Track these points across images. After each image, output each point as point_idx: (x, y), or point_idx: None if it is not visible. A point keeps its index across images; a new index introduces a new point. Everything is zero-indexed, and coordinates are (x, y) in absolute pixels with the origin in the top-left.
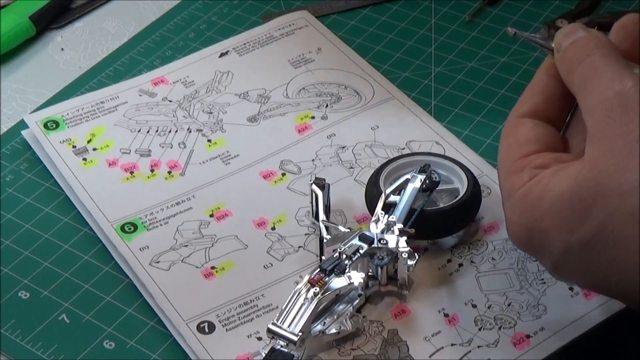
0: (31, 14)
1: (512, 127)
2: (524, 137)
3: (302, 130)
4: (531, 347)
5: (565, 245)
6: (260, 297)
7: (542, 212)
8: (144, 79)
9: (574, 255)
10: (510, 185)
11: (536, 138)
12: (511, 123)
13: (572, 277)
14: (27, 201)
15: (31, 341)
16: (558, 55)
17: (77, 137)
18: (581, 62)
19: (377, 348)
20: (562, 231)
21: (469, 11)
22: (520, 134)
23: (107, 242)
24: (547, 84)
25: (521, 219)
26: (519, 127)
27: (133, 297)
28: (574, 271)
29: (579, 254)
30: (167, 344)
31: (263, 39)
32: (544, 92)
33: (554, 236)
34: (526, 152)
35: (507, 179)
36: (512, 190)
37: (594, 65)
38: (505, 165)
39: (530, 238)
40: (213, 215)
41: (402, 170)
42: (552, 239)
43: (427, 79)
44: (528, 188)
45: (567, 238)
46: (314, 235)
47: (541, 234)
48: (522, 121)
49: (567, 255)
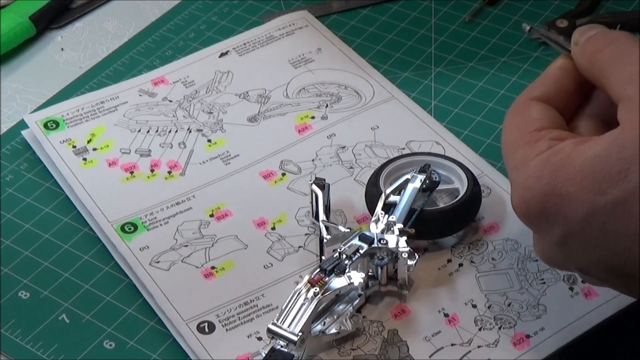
0: (31, 14)
1: (522, 106)
2: (537, 114)
3: (302, 130)
4: (531, 347)
5: (590, 208)
6: (260, 297)
7: (566, 176)
8: (144, 79)
9: (598, 220)
10: (523, 155)
11: (549, 117)
12: (521, 103)
13: (583, 252)
14: (27, 201)
15: (31, 341)
16: (576, 48)
17: (77, 137)
18: (608, 45)
19: (377, 348)
20: (590, 193)
21: (469, 11)
22: (532, 111)
23: (107, 242)
24: (560, 77)
25: (538, 184)
26: (531, 106)
27: (133, 297)
28: (588, 243)
29: (605, 219)
30: (167, 344)
31: (263, 39)
32: (557, 83)
33: (578, 199)
34: (540, 127)
35: (519, 150)
36: (527, 159)
37: (622, 47)
38: (515, 138)
39: (545, 205)
40: (213, 215)
41: (402, 170)
42: (574, 203)
43: (427, 79)
44: (548, 155)
45: (595, 200)
46: (314, 235)
47: (560, 200)
48: (534, 102)
49: (589, 220)
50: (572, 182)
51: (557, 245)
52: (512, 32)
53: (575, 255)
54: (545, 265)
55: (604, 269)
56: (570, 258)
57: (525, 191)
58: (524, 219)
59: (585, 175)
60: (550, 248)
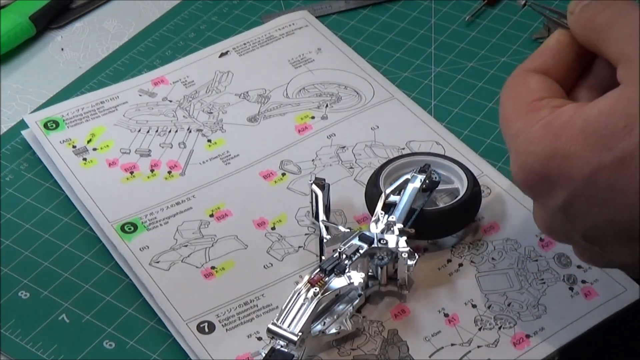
0: (31, 14)
1: (520, 78)
2: (537, 84)
3: (302, 130)
4: (531, 347)
5: (596, 166)
6: (260, 297)
7: (569, 137)
8: (144, 79)
9: (604, 177)
10: (524, 123)
11: (548, 88)
12: (519, 76)
13: (588, 214)
14: (27, 201)
15: (31, 341)
16: (572, 17)
17: (77, 137)
18: (604, 9)
19: (377, 348)
20: (595, 150)
21: (469, 11)
22: (531, 82)
23: (107, 242)
24: (558, 49)
25: (539, 147)
26: (529, 78)
27: (133, 297)
28: (594, 203)
29: (611, 175)
30: (167, 344)
31: (263, 39)
32: (555, 55)
33: (583, 158)
34: (540, 97)
35: (519, 120)
36: (529, 126)
37: (618, 9)
38: (515, 109)
39: (547, 168)
40: (213, 215)
41: (402, 170)
42: (578, 162)
43: (427, 79)
44: (550, 119)
45: (601, 157)
46: (314, 235)
47: (564, 161)
48: (532, 74)
49: (595, 178)
50: (576, 142)
51: (560, 211)
52: (512, 32)
53: (580, 220)
54: (545, 265)
55: (609, 232)
56: (574, 224)
57: (527, 157)
58: (525, 187)
59: (590, 133)
60: (553, 217)
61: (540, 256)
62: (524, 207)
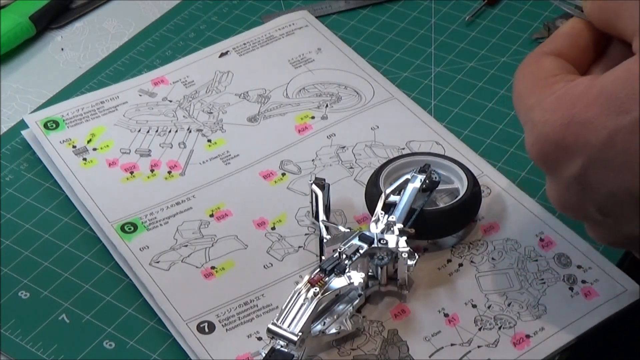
0: (31, 14)
1: (535, 59)
2: (551, 64)
3: (302, 130)
4: (531, 347)
5: (612, 129)
6: (260, 297)
7: (585, 103)
8: (144, 79)
9: (621, 140)
10: (539, 96)
11: (563, 67)
12: (533, 57)
13: (604, 181)
14: (27, 201)
15: (31, 341)
16: (587, 2)
17: (77, 137)
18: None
19: (377, 348)
20: (612, 114)
21: (469, 11)
22: (546, 62)
23: (107, 242)
24: (572, 34)
25: (555, 116)
26: (543, 59)
27: (133, 297)
28: (611, 169)
29: (629, 138)
30: (167, 344)
31: (263, 39)
32: (569, 39)
33: (600, 123)
34: (554, 74)
35: (534, 94)
36: (544, 98)
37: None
38: (529, 85)
39: (563, 136)
40: (213, 215)
41: (402, 170)
42: (595, 127)
43: (427, 79)
44: (565, 90)
45: (618, 121)
46: (314, 235)
47: (580, 127)
48: (546, 55)
49: (612, 142)
50: (592, 108)
51: (575, 180)
52: (512, 32)
53: (595, 188)
54: (545, 265)
55: (625, 200)
56: (589, 193)
57: (543, 126)
58: (541, 159)
59: (606, 98)
60: (568, 188)
61: (540, 256)
62: (524, 207)
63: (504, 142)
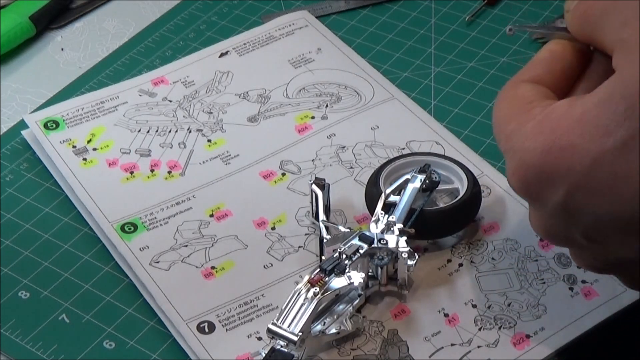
0: (31, 14)
1: (512, 87)
2: (528, 91)
3: (302, 130)
4: (531, 347)
5: (596, 153)
6: (260, 297)
7: (567, 128)
8: (144, 79)
9: (606, 164)
10: (518, 123)
11: (540, 92)
12: (510, 85)
13: (588, 207)
14: (27, 201)
15: (31, 341)
16: (568, 14)
17: (77, 137)
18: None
19: (377, 348)
20: (595, 138)
21: (469, 11)
22: (523, 89)
23: (107, 242)
24: (550, 59)
25: (536, 142)
26: (521, 86)
27: (133, 297)
28: (595, 194)
29: (613, 161)
30: (167, 344)
31: (263, 39)
32: (547, 65)
33: (583, 147)
34: (531, 100)
35: (512, 120)
36: (522, 124)
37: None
38: (507, 113)
39: (545, 163)
40: (213, 215)
41: (402, 170)
42: (578, 152)
43: (427, 79)
44: (544, 115)
45: (602, 144)
46: (314, 235)
47: (562, 152)
48: (523, 83)
49: (596, 166)
50: (574, 132)
51: (560, 207)
52: None
53: (580, 214)
54: (545, 265)
55: (611, 225)
56: (575, 221)
57: (523, 154)
58: (523, 187)
59: (588, 121)
60: (552, 215)
61: (540, 256)
62: (524, 207)
63: None
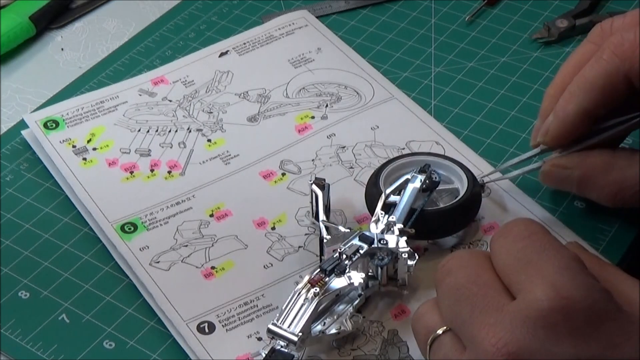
0: (31, 14)
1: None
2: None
3: (302, 130)
4: None
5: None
6: (260, 297)
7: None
8: (144, 78)
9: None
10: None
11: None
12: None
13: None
14: (27, 201)
15: (31, 341)
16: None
17: (77, 136)
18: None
19: (377, 348)
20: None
21: (469, 11)
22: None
23: (107, 242)
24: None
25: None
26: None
27: (133, 297)
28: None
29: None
30: (167, 344)
31: (263, 39)
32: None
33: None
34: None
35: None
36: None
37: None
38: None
39: None
40: (213, 215)
41: (402, 170)
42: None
43: (427, 79)
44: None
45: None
46: (314, 235)
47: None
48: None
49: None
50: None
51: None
52: (512, 32)
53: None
54: None
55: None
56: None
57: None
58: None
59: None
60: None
61: None
62: (524, 207)
63: (504, 142)
